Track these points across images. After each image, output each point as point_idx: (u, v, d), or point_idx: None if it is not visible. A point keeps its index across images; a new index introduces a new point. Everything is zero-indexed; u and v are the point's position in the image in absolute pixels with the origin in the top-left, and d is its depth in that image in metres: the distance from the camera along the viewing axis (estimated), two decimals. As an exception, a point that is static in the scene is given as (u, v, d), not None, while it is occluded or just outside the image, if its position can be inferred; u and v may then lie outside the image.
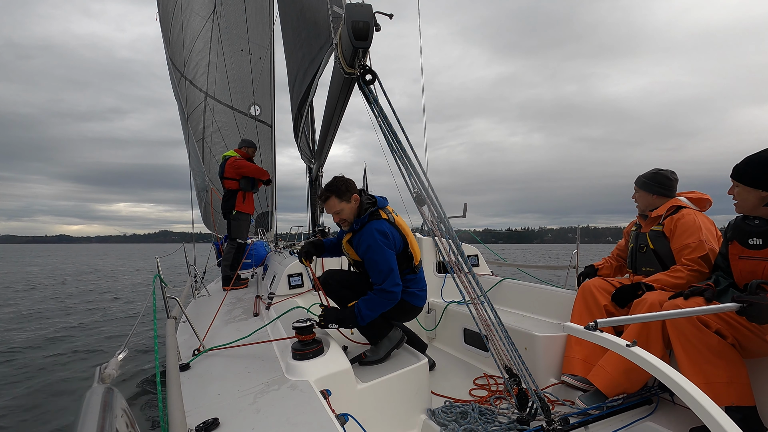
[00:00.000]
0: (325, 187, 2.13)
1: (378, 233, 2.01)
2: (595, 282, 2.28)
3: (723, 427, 0.87)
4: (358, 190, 2.15)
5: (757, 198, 1.53)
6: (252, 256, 5.00)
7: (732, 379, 1.52)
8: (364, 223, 2.09)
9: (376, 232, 2.01)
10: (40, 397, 4.06)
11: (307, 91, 3.47)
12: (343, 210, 2.10)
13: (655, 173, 2.26)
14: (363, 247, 2.03)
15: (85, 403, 0.67)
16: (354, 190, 2.12)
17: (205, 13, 7.46)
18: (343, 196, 2.09)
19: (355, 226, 2.11)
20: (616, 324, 1.50)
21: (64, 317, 8.25)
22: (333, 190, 2.09)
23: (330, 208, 2.12)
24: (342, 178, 2.14)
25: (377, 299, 1.99)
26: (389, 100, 2.02)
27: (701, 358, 1.56)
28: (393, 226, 2.11)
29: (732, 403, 1.50)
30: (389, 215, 2.15)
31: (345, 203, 2.10)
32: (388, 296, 1.98)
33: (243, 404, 1.37)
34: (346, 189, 2.10)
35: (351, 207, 2.11)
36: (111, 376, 1.10)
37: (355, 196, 2.12)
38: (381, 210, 2.14)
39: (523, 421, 1.71)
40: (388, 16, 1.82)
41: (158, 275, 2.31)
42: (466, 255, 2.77)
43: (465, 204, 3.82)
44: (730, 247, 1.69)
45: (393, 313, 2.12)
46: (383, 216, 2.12)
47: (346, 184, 2.11)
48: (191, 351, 1.94)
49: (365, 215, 2.09)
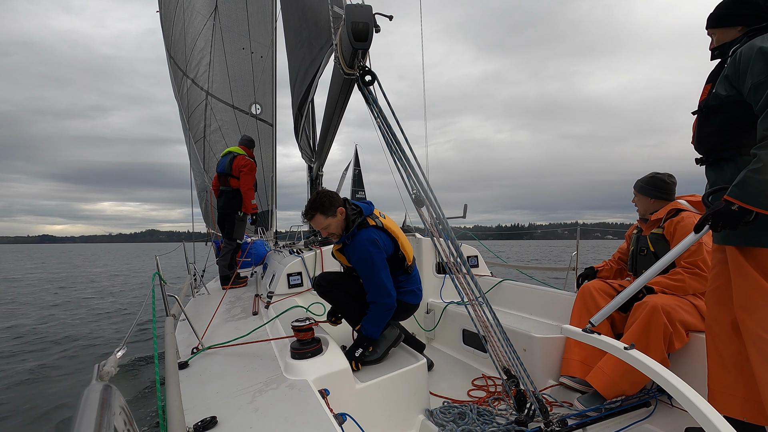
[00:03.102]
0: (309, 204, 2.09)
1: (369, 244, 2.00)
2: (594, 284, 2.28)
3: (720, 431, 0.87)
4: (342, 202, 2.11)
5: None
6: (251, 254, 4.99)
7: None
8: (354, 234, 2.08)
9: (368, 243, 2.00)
10: (38, 394, 4.07)
11: (307, 91, 3.48)
12: (330, 225, 2.08)
13: (652, 177, 2.26)
14: (354, 260, 2.06)
15: (83, 401, 0.67)
16: (338, 204, 2.08)
17: (206, 11, 7.45)
18: (328, 212, 2.05)
19: (345, 240, 2.10)
20: (606, 315, 1.52)
21: (62, 315, 8.26)
22: (317, 208, 2.05)
23: (317, 224, 2.09)
24: (325, 193, 2.10)
25: (377, 314, 2.03)
26: (389, 102, 2.03)
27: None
28: (382, 231, 2.10)
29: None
30: (376, 220, 2.13)
31: (331, 218, 2.06)
32: (384, 308, 2.02)
33: (241, 403, 1.37)
34: (330, 204, 2.05)
35: (338, 221, 2.08)
36: (109, 373, 1.10)
37: (341, 209, 2.08)
38: (368, 218, 2.12)
39: (521, 422, 1.71)
40: (388, 17, 1.82)
41: (158, 273, 2.31)
42: (466, 256, 2.78)
43: (465, 205, 3.82)
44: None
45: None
46: (371, 223, 2.10)
47: (330, 199, 2.06)
48: (190, 349, 1.94)
49: (354, 227, 2.07)
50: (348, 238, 2.09)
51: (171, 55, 7.12)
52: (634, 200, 2.35)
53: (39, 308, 9.19)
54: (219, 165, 4.33)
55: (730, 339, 1.53)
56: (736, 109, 1.41)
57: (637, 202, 2.34)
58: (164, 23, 7.05)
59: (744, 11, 1.47)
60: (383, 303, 2.01)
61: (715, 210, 1.35)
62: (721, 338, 1.56)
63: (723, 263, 1.56)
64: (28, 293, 11.93)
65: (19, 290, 12.76)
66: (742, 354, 1.50)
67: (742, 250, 1.43)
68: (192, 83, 7.42)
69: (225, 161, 4.25)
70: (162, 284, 2.28)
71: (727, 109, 1.44)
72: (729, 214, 1.31)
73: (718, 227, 1.35)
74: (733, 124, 1.44)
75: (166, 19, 7.06)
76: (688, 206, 2.18)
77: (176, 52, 7.19)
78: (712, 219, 1.35)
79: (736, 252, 1.45)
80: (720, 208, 1.34)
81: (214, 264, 5.24)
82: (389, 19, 1.83)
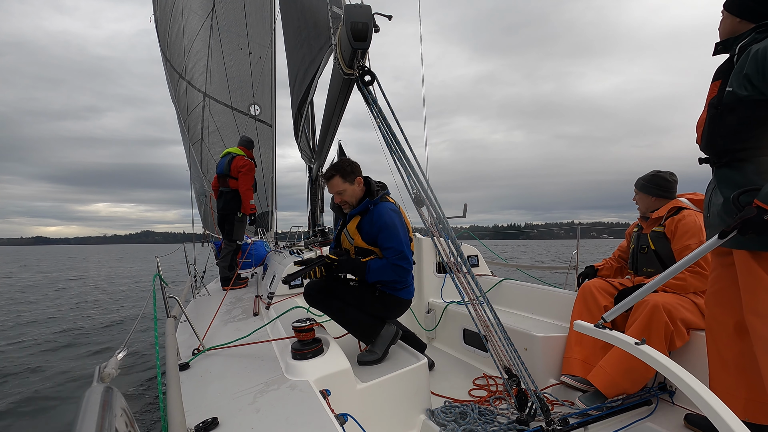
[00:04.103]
0: (331, 165, 2.16)
1: (394, 213, 2.06)
2: (595, 282, 2.28)
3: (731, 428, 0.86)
4: (363, 175, 2.16)
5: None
6: (252, 255, 4.98)
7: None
8: (376, 204, 2.10)
9: (392, 213, 2.05)
10: (39, 396, 4.06)
11: (306, 91, 3.48)
12: (345, 191, 2.11)
13: (654, 175, 2.26)
14: (378, 224, 2.04)
15: (84, 403, 0.67)
16: (358, 173, 2.13)
17: (203, 12, 7.42)
18: (347, 177, 2.10)
19: (370, 206, 2.11)
20: (619, 312, 1.50)
21: (63, 316, 8.25)
22: (338, 170, 2.11)
23: (333, 187, 2.13)
24: (348, 160, 2.17)
25: (389, 268, 2.02)
26: (389, 102, 2.03)
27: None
28: (401, 215, 2.16)
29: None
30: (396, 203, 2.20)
31: (348, 184, 2.11)
32: (399, 271, 2.02)
33: (242, 404, 1.37)
34: (351, 171, 2.11)
35: (353, 189, 2.12)
36: (110, 375, 1.10)
37: (359, 179, 2.13)
38: (390, 197, 2.18)
39: (523, 421, 1.71)
40: (387, 17, 1.82)
41: (158, 274, 2.31)
42: (466, 255, 2.78)
43: (465, 204, 3.82)
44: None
45: (383, 309, 2.13)
46: (393, 201, 2.16)
47: (351, 166, 2.12)
48: (191, 350, 1.94)
49: (377, 197, 2.11)
50: (371, 204, 2.10)
51: (167, 57, 7.07)
52: (635, 198, 2.35)
53: (39, 309, 9.19)
54: (218, 166, 4.31)
55: (732, 341, 1.53)
56: (757, 108, 1.35)
57: (638, 200, 2.33)
58: (160, 25, 7.01)
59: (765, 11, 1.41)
60: (400, 266, 2.01)
61: (745, 218, 1.29)
62: (723, 340, 1.55)
63: (725, 266, 1.54)
64: (27, 294, 11.92)
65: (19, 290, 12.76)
66: (745, 356, 1.49)
67: (755, 255, 1.40)
68: (188, 85, 7.39)
69: (224, 162, 4.22)
70: (162, 286, 2.28)
71: (746, 108, 1.37)
72: (761, 224, 1.26)
73: (746, 234, 1.31)
74: (753, 123, 1.38)
75: (161, 21, 7.02)
76: (689, 204, 2.18)
77: (172, 54, 7.15)
78: (742, 226, 1.30)
79: (748, 256, 1.41)
80: (752, 216, 1.28)
81: (215, 265, 5.24)
82: (388, 19, 1.83)
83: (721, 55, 1.53)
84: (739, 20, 1.46)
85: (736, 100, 1.38)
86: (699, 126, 1.57)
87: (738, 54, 1.41)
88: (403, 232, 2.05)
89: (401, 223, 2.07)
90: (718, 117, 1.45)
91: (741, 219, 1.30)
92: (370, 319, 2.09)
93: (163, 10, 7.02)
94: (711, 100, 1.49)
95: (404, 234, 2.06)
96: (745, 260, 1.43)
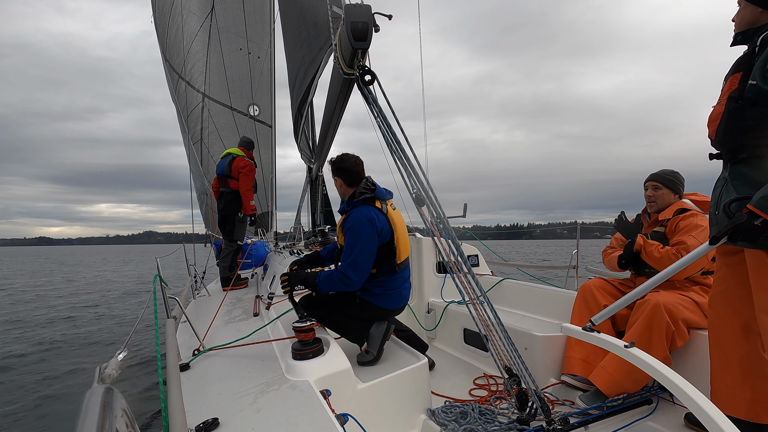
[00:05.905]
0: (337, 157, 2.17)
1: (365, 218, 1.98)
2: (595, 282, 2.28)
3: (722, 429, 0.87)
4: (359, 175, 2.13)
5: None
6: (252, 256, 4.98)
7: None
8: (355, 206, 2.07)
9: (364, 217, 1.98)
10: (40, 397, 4.06)
11: (306, 91, 3.48)
12: (337, 186, 2.17)
13: (676, 173, 2.25)
14: (346, 227, 2.01)
15: (85, 403, 0.67)
16: (353, 173, 2.12)
17: (202, 12, 7.40)
18: (336, 172, 2.14)
19: (347, 207, 2.11)
20: (608, 315, 1.50)
21: (63, 317, 8.25)
22: (338, 164, 2.14)
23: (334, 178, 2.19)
24: (352, 159, 2.13)
25: (334, 279, 1.98)
26: (389, 102, 2.02)
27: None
28: (384, 216, 2.06)
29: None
30: (383, 206, 2.09)
31: (338, 178, 2.15)
32: (345, 281, 1.96)
33: (243, 404, 1.37)
34: (346, 168, 2.12)
35: (341, 186, 2.15)
36: (111, 376, 1.10)
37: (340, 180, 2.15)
38: (377, 200, 2.10)
39: (523, 421, 1.71)
40: (387, 17, 1.82)
41: (158, 275, 2.31)
42: (466, 255, 2.78)
43: (465, 204, 3.82)
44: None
45: (366, 315, 2.08)
46: (377, 205, 2.07)
47: (349, 163, 2.12)
48: (191, 351, 1.94)
49: (358, 199, 2.07)
50: (349, 206, 2.09)
51: (166, 57, 7.06)
52: (650, 193, 2.26)
53: (39, 309, 9.18)
54: (218, 167, 4.30)
55: (738, 341, 1.51)
56: None
57: (658, 195, 2.23)
58: (159, 26, 6.99)
59: None
60: (348, 277, 1.95)
61: (736, 224, 1.27)
62: (728, 340, 1.54)
63: (732, 266, 1.52)
64: (28, 295, 11.91)
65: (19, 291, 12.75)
66: (750, 356, 1.49)
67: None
68: (188, 85, 7.37)
69: (224, 163, 4.22)
70: (163, 286, 2.28)
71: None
72: (751, 230, 1.24)
73: (737, 241, 1.29)
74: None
75: (160, 22, 7.00)
76: (693, 206, 2.17)
77: (171, 55, 7.13)
78: (732, 233, 1.28)
79: (764, 255, 1.37)
80: (742, 222, 1.26)
81: (215, 266, 5.24)
82: (388, 19, 1.83)
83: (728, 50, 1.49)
84: (762, 10, 1.39)
85: (759, 94, 1.31)
86: (712, 121, 1.50)
87: (760, 46, 1.35)
88: (367, 241, 1.95)
89: (369, 232, 1.95)
90: (738, 111, 1.38)
91: (732, 225, 1.28)
92: (357, 321, 2.07)
93: (161, 11, 6.99)
94: (731, 93, 1.41)
95: (369, 243, 1.96)
96: (759, 260, 1.39)
